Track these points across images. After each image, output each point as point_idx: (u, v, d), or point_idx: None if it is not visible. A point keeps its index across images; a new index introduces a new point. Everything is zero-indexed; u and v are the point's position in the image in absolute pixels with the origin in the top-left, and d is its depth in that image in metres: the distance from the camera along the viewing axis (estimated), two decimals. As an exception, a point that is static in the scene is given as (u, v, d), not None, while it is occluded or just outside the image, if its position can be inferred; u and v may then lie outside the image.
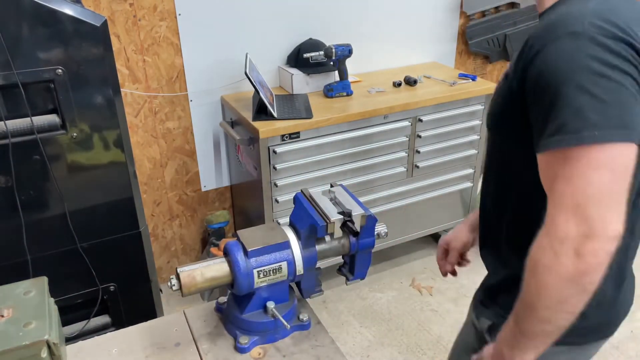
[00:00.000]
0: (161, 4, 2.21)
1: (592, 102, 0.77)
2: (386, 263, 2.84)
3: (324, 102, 2.36)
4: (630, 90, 0.78)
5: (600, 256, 0.76)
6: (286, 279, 1.10)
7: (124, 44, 2.21)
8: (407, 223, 2.65)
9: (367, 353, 2.25)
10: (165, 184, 2.53)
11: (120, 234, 1.66)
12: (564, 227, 0.77)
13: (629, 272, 1.04)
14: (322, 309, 2.52)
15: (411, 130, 2.43)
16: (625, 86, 0.77)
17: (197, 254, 2.79)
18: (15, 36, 1.32)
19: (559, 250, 0.78)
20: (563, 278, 0.78)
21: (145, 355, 1.10)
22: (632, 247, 0.99)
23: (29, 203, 1.49)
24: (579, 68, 0.78)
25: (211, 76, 2.42)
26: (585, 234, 0.76)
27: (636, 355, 2.22)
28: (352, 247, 1.15)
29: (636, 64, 0.80)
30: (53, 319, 0.97)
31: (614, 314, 1.02)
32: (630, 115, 0.77)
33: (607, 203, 0.76)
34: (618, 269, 0.97)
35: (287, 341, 1.12)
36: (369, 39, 2.72)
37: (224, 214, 2.63)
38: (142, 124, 2.37)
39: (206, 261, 1.08)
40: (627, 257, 0.99)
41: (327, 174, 2.31)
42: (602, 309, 0.98)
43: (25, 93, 1.37)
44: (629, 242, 0.97)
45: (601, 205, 0.76)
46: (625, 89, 0.77)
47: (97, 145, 1.53)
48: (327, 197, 1.17)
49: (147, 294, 1.81)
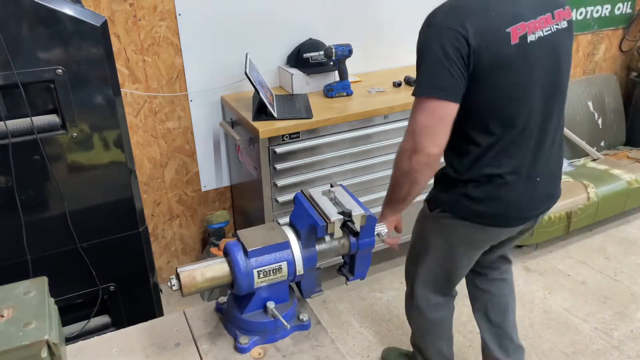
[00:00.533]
0: (161, 4, 2.21)
1: (426, 72, 1.31)
2: (386, 263, 2.84)
3: (324, 102, 2.36)
4: (450, 68, 1.27)
5: (420, 163, 1.34)
6: (286, 279, 1.10)
7: (124, 44, 2.21)
8: (407, 223, 2.64)
9: (367, 353, 2.25)
10: (165, 184, 2.53)
11: (120, 234, 1.66)
12: (405, 143, 1.36)
13: (511, 183, 1.42)
14: (322, 309, 2.52)
15: (411, 130, 2.42)
16: (448, 64, 1.26)
17: (197, 254, 2.79)
18: (15, 36, 1.32)
19: (401, 156, 1.38)
20: (402, 171, 1.40)
21: (145, 355, 1.10)
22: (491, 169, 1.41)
23: (29, 203, 1.49)
24: (427, 49, 1.31)
25: (211, 76, 2.42)
26: (413, 149, 1.33)
27: (636, 355, 2.22)
28: (352, 247, 1.15)
29: (462, 50, 1.26)
30: (53, 319, 0.97)
31: (502, 210, 1.45)
32: (444, 82, 1.28)
33: (426, 134, 1.31)
34: (488, 179, 1.41)
35: (287, 341, 1.12)
36: (369, 39, 2.72)
37: (224, 214, 2.63)
38: (142, 124, 2.37)
39: (206, 261, 1.08)
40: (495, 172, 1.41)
41: (327, 174, 2.31)
42: (490, 203, 1.44)
43: (25, 93, 1.37)
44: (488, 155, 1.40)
45: (422, 135, 1.31)
46: (446, 66, 1.27)
47: (97, 145, 1.53)
48: (327, 197, 1.17)
49: (147, 294, 1.81)
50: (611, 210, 3.06)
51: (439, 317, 1.80)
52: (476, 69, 1.28)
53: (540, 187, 1.50)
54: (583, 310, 2.49)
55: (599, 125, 3.64)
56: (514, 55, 1.29)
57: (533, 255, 2.92)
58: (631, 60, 3.82)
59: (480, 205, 1.44)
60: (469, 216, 1.47)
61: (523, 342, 2.24)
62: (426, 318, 1.79)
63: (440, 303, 1.78)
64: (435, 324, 1.82)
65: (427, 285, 1.73)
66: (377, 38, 2.75)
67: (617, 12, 3.58)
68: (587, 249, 2.96)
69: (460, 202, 1.47)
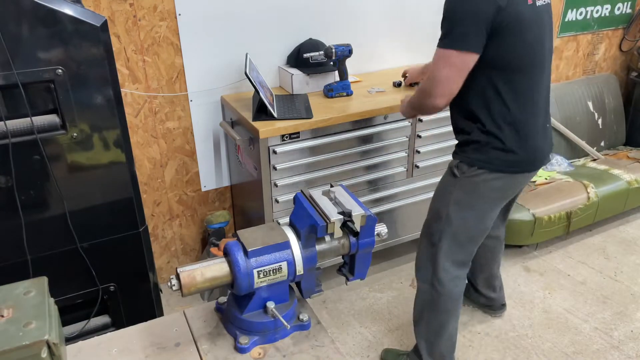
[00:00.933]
0: (161, 4, 2.21)
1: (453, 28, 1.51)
2: (386, 263, 2.84)
3: (324, 102, 2.36)
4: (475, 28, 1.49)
5: (431, 104, 1.62)
6: (286, 279, 1.10)
7: (124, 44, 2.21)
8: (407, 223, 2.65)
9: (367, 353, 2.25)
10: (165, 184, 2.53)
11: (120, 234, 1.66)
12: (424, 84, 1.64)
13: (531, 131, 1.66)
14: (322, 309, 2.52)
15: (411, 130, 2.43)
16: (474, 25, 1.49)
17: (197, 254, 2.79)
18: (15, 36, 1.32)
19: (421, 93, 1.68)
20: (418, 102, 1.72)
21: (145, 355, 1.10)
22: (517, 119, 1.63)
23: (29, 203, 1.49)
24: (455, 10, 1.52)
25: (211, 76, 2.42)
26: (428, 94, 1.61)
27: (636, 355, 2.22)
28: (352, 247, 1.15)
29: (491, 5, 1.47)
30: (53, 319, 0.97)
31: (529, 155, 1.68)
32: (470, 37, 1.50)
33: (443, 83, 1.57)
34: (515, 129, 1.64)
35: (287, 341, 1.12)
36: (369, 39, 2.72)
37: (224, 214, 2.63)
38: (142, 124, 2.37)
39: (206, 261, 1.08)
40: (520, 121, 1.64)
41: (327, 174, 2.31)
42: (515, 153, 1.65)
43: (25, 93, 1.37)
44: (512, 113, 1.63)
45: (440, 83, 1.57)
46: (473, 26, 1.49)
47: (97, 145, 1.53)
48: (327, 197, 1.17)
49: (147, 294, 1.81)
50: (611, 210, 3.06)
51: (459, 291, 1.93)
52: (502, 25, 1.49)
53: (548, 133, 1.77)
54: (583, 310, 2.49)
55: (599, 125, 3.64)
56: (531, 13, 1.55)
57: (533, 255, 2.92)
58: (631, 60, 3.82)
59: (512, 154, 1.66)
60: (504, 167, 1.68)
61: (523, 342, 2.24)
62: (450, 296, 1.90)
63: (459, 276, 1.90)
64: (457, 300, 1.93)
65: (449, 258, 1.85)
66: (377, 38, 2.75)
67: (617, 12, 3.58)
68: (587, 249, 2.96)
69: (493, 155, 1.66)
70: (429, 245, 1.88)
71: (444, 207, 1.80)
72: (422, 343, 2.01)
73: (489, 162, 1.68)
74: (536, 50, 1.61)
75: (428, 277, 1.91)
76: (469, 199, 1.75)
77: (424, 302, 1.97)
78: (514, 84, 1.61)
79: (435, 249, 1.85)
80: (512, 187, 1.79)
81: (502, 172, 1.69)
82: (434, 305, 1.93)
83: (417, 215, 2.65)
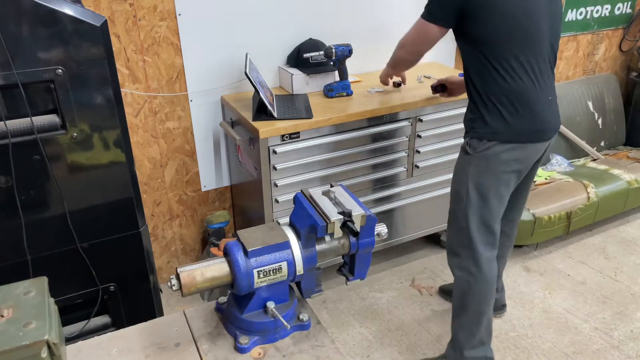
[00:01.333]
0: (161, 4, 2.21)
1: (432, 2, 1.78)
2: (386, 263, 2.84)
3: (324, 102, 2.36)
4: (447, 6, 1.73)
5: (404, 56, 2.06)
6: (286, 279, 1.10)
7: (124, 44, 2.21)
8: (407, 223, 2.65)
9: (367, 353, 2.25)
10: (165, 184, 2.53)
11: (120, 234, 1.66)
12: (405, 39, 1.99)
13: (533, 101, 1.73)
14: (322, 309, 2.52)
15: (411, 130, 2.43)
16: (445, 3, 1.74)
17: (197, 254, 2.79)
18: (15, 36, 1.32)
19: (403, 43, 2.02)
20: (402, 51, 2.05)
21: (145, 355, 1.10)
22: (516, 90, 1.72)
23: (29, 203, 1.49)
24: None
25: (211, 76, 2.42)
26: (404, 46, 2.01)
27: (636, 355, 2.22)
28: (352, 247, 1.15)
29: None
30: (53, 319, 0.97)
31: (534, 124, 1.76)
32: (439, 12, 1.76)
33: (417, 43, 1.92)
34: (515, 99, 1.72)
35: (287, 341, 1.12)
36: (369, 39, 2.72)
37: (224, 214, 2.63)
38: (142, 124, 2.37)
39: (206, 261, 1.08)
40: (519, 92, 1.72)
41: (327, 174, 2.31)
42: (520, 122, 1.73)
43: (25, 93, 1.37)
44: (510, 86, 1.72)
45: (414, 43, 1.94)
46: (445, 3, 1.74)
47: (97, 145, 1.53)
48: (327, 197, 1.17)
49: (147, 294, 1.80)
50: (611, 210, 3.06)
51: (494, 274, 1.93)
52: (470, 6, 1.67)
53: (553, 106, 1.82)
54: (583, 310, 2.49)
55: (599, 125, 3.64)
56: None
57: (533, 255, 2.92)
58: (631, 60, 3.82)
59: (518, 122, 1.73)
60: (511, 136, 1.74)
61: (523, 342, 2.24)
62: (488, 279, 1.91)
63: (491, 257, 1.91)
64: (493, 282, 1.94)
65: (480, 240, 1.87)
66: (377, 38, 2.75)
67: (617, 12, 3.58)
68: (587, 249, 2.96)
69: (500, 125, 1.74)
70: (458, 230, 1.90)
71: (463, 186, 1.84)
72: (462, 335, 2.00)
73: (497, 132, 1.74)
74: (522, 22, 1.67)
75: (464, 263, 1.91)
76: (484, 174, 1.80)
77: (463, 291, 1.96)
78: (505, 56, 1.69)
79: (464, 232, 1.87)
80: (524, 160, 1.81)
81: (511, 142, 1.74)
82: (473, 292, 1.93)
83: (417, 215, 2.65)
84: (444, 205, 2.69)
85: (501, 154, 1.76)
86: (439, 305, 2.52)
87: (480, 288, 1.92)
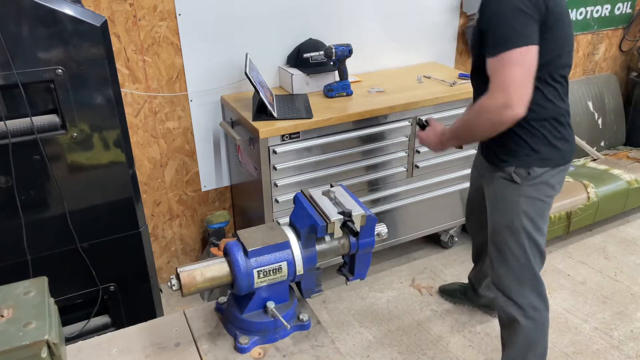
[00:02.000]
0: (161, 4, 2.21)
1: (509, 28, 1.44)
2: (386, 263, 2.84)
3: (324, 102, 2.36)
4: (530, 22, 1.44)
5: (511, 115, 1.45)
6: (286, 279, 1.10)
7: (124, 44, 2.21)
8: (407, 223, 2.65)
9: (367, 353, 2.25)
10: (165, 184, 2.53)
11: (120, 234, 1.66)
12: (494, 100, 1.46)
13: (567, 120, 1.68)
14: (322, 309, 2.52)
15: (411, 130, 2.43)
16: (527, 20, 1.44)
17: (197, 254, 2.79)
18: (15, 36, 1.32)
19: (489, 113, 1.50)
20: (482, 123, 1.55)
21: (145, 355, 1.10)
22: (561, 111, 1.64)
23: (29, 203, 1.49)
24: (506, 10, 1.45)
25: (211, 76, 2.42)
26: (505, 105, 1.44)
27: (636, 355, 2.22)
28: (352, 247, 1.15)
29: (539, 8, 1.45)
30: (53, 319, 0.97)
31: (572, 145, 1.71)
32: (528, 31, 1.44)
33: (520, 86, 1.43)
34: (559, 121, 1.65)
35: (287, 341, 1.12)
36: (369, 39, 2.72)
37: (224, 214, 2.63)
38: (142, 124, 2.37)
39: (206, 261, 1.08)
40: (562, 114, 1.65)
41: (327, 174, 2.31)
42: (564, 144, 1.67)
43: (25, 93, 1.37)
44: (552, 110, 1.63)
45: (523, 84, 1.44)
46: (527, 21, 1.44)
47: (97, 145, 1.53)
48: (327, 197, 1.17)
49: (147, 294, 1.80)
50: (611, 210, 3.06)
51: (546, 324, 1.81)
52: (549, 17, 1.48)
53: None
54: (583, 310, 2.49)
55: (599, 125, 3.64)
56: (564, 6, 1.55)
57: (533, 255, 2.92)
58: (631, 60, 3.82)
59: (562, 146, 1.67)
60: (560, 161, 1.68)
61: (523, 342, 2.23)
62: (544, 329, 1.80)
63: (540, 307, 1.79)
64: (545, 332, 1.82)
65: (539, 267, 1.77)
66: (377, 38, 2.75)
67: (617, 12, 3.58)
68: (587, 249, 2.96)
69: (549, 152, 1.66)
70: (516, 268, 1.75)
71: (515, 218, 1.70)
72: None
73: (547, 158, 1.65)
74: (570, 37, 1.61)
75: (534, 303, 1.77)
76: (536, 202, 1.70)
77: (529, 339, 1.79)
78: (556, 75, 1.59)
79: (525, 267, 1.74)
80: (562, 181, 1.75)
81: (559, 165, 1.67)
82: (543, 329, 1.80)
83: (417, 215, 2.65)
84: (444, 205, 2.70)
85: (551, 179, 1.68)
86: (439, 305, 2.52)
87: (547, 321, 1.81)
